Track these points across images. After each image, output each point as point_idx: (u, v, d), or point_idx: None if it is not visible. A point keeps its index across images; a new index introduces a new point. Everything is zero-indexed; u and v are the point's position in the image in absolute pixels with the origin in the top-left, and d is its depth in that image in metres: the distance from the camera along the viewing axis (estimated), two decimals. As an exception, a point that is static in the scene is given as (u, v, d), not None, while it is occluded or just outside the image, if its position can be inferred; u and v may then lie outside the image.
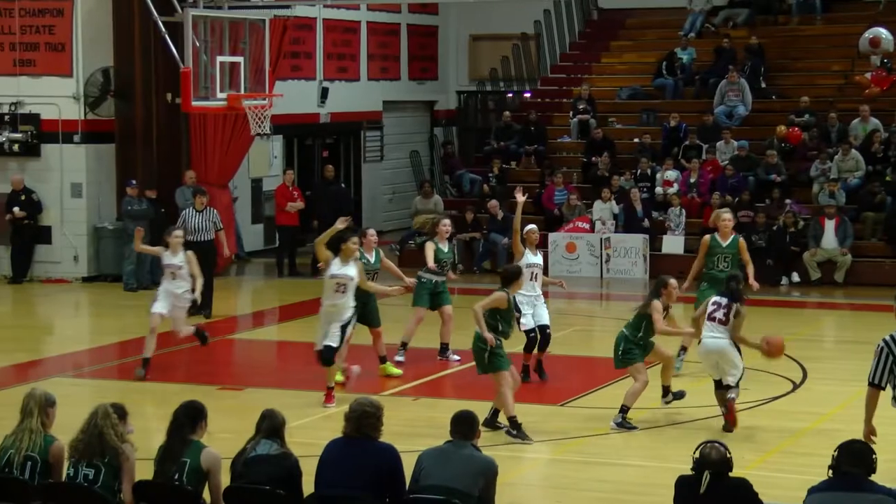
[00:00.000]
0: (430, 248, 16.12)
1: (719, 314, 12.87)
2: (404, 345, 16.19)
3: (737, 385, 12.95)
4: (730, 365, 12.89)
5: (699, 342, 13.06)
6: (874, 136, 24.25)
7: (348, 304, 13.97)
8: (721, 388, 13.00)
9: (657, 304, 13.03)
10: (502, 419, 12.87)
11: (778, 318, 19.21)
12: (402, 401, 14.51)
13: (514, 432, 12.68)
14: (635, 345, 13.17)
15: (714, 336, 12.86)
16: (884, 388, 9.41)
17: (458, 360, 16.17)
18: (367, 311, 15.14)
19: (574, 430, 13.27)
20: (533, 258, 15.24)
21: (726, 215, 15.56)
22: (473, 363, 13.16)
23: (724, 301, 12.94)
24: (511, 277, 13.22)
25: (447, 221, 16.64)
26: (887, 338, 9.41)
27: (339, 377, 14.48)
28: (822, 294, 22.13)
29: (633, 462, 12.21)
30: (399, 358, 15.98)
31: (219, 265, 21.73)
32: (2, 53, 23.07)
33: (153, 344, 15.51)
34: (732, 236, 15.34)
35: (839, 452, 7.61)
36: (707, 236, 15.48)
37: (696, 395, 14.70)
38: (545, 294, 15.75)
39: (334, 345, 13.86)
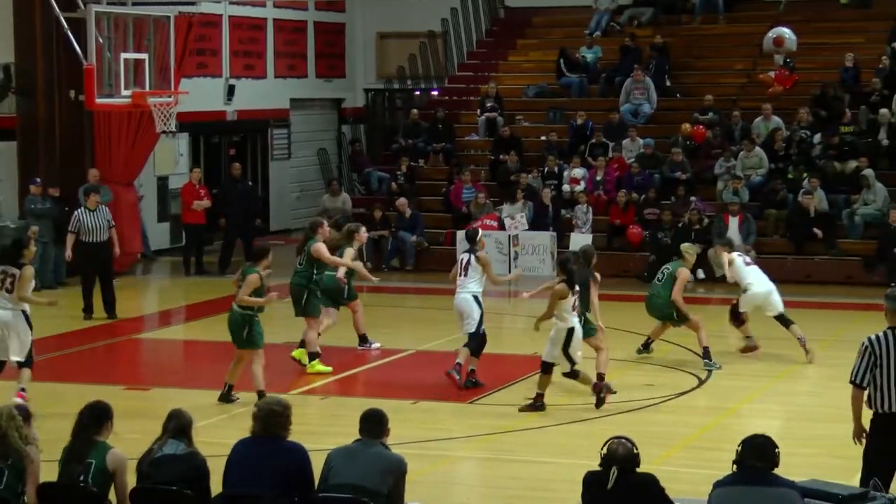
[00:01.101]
0: (349, 254, 16.18)
1: None
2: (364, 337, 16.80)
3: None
4: None
5: None
6: (776, 134, 24.60)
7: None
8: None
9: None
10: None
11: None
12: (310, 399, 14.46)
13: None
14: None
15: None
16: (866, 388, 9.19)
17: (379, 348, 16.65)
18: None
19: (483, 428, 13.31)
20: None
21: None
22: (381, 362, 13.18)
23: None
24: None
25: (364, 229, 17.14)
26: (872, 337, 9.21)
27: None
28: (727, 290, 22.36)
29: (543, 458, 12.27)
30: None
31: (120, 263, 21.52)
32: None
33: None
34: None
35: (743, 447, 7.70)
36: None
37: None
38: None
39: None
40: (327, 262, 15.73)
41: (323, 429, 12.33)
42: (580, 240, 23.80)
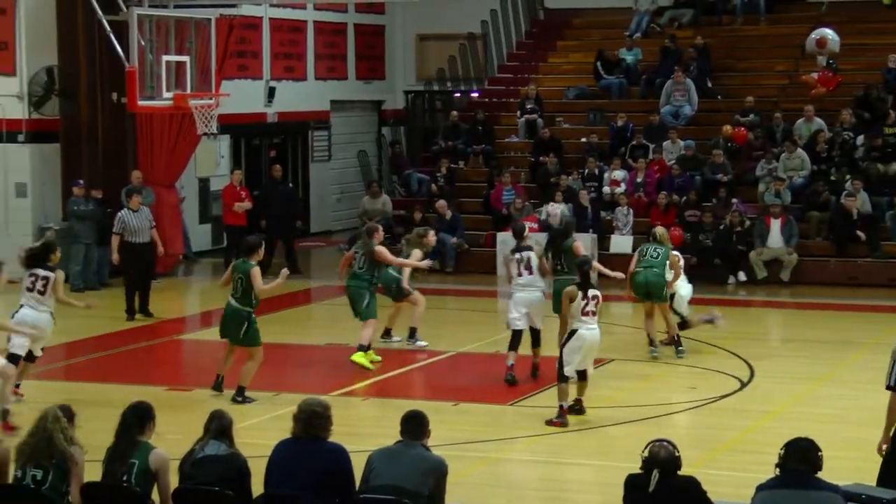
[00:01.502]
0: (416, 255, 16.65)
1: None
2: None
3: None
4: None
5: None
6: (818, 135, 24.45)
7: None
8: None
9: None
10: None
11: (725, 317, 19.31)
12: (352, 401, 14.49)
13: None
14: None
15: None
16: None
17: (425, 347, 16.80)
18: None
19: (523, 430, 13.29)
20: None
21: None
22: (422, 363, 13.18)
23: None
24: None
25: (433, 232, 17.50)
26: None
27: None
28: (769, 293, 22.29)
29: (583, 461, 12.25)
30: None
31: (162, 265, 21.65)
32: (-56, 52, 22.83)
33: None
34: None
35: (786, 450, 7.66)
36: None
37: (645, 394, 14.79)
38: None
39: None
40: (393, 263, 16.11)
41: (364, 430, 12.34)
42: (621, 242, 23.78)
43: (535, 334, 15.30)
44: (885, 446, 9.19)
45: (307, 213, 28.83)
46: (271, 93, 27.69)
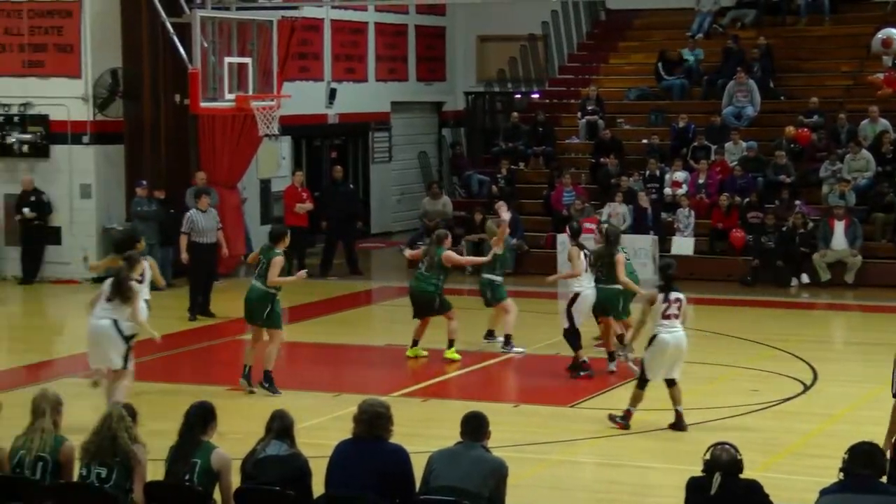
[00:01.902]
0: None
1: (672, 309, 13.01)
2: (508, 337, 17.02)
3: None
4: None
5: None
6: (884, 136, 24.20)
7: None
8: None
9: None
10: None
11: (787, 320, 19.20)
12: (411, 401, 14.50)
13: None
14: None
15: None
16: None
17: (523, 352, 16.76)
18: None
19: (584, 432, 13.26)
20: None
21: None
22: (482, 365, 13.19)
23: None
24: None
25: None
26: None
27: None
28: (832, 295, 22.07)
29: (644, 463, 12.20)
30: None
31: (225, 265, 21.78)
32: (11, 55, 23.09)
33: None
34: None
35: (850, 454, 7.59)
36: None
37: (707, 397, 14.70)
38: None
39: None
40: (463, 263, 17.24)
41: (423, 431, 12.35)
42: (682, 244, 23.66)
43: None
44: (888, 452, 8.95)
45: (367, 214, 28.91)
46: (332, 94, 27.78)
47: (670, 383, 13.15)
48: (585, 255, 15.47)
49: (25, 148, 22.96)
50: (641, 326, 13.24)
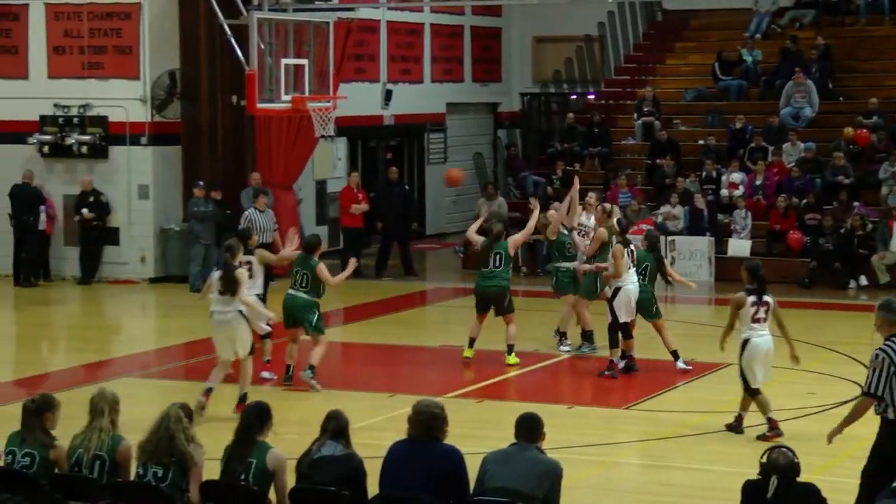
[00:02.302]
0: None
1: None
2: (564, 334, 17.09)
3: None
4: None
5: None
6: (944, 137, 23.96)
7: None
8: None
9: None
10: None
11: (846, 322, 19.03)
12: (464, 402, 14.50)
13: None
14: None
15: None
16: (883, 399, 9.18)
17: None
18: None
19: (638, 434, 13.21)
20: None
21: None
22: (536, 366, 13.16)
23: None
24: None
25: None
26: (886, 348, 9.18)
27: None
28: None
29: (700, 466, 12.13)
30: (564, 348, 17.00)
31: (280, 266, 21.84)
32: (71, 57, 23.33)
33: None
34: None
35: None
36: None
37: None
38: None
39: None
40: (518, 240, 16.66)
41: (477, 432, 12.34)
42: (738, 246, 23.50)
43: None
44: (836, 437, 9.43)
45: (422, 215, 28.94)
46: (388, 95, 27.84)
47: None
48: (630, 251, 15.46)
49: (84, 149, 23.18)
50: (730, 330, 12.91)
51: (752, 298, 12.75)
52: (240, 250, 13.99)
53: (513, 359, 16.28)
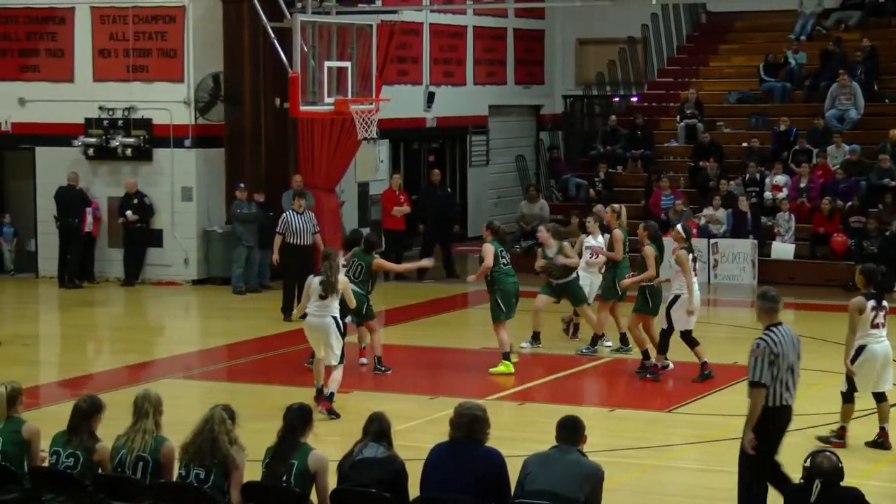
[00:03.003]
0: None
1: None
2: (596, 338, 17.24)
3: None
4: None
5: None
6: None
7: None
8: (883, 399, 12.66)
9: None
10: None
11: (889, 326, 18.84)
12: (506, 405, 14.48)
13: None
14: None
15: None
16: (768, 387, 9.55)
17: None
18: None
19: (681, 437, 13.15)
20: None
21: None
22: (577, 369, 13.13)
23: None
24: None
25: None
26: (766, 338, 9.59)
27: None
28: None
29: (741, 470, 12.04)
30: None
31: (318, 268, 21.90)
32: (116, 59, 23.49)
33: None
34: None
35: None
36: None
37: (807, 403, 14.49)
38: None
39: None
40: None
41: (518, 434, 12.33)
42: (782, 249, 23.37)
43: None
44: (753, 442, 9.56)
45: (465, 217, 28.94)
46: (431, 98, 27.86)
47: (880, 398, 12.64)
48: (694, 258, 15.50)
49: (129, 151, 23.32)
50: (853, 338, 12.49)
51: (871, 303, 12.35)
52: (337, 259, 14.30)
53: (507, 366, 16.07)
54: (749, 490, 9.58)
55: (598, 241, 17.35)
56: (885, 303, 12.53)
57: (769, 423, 9.59)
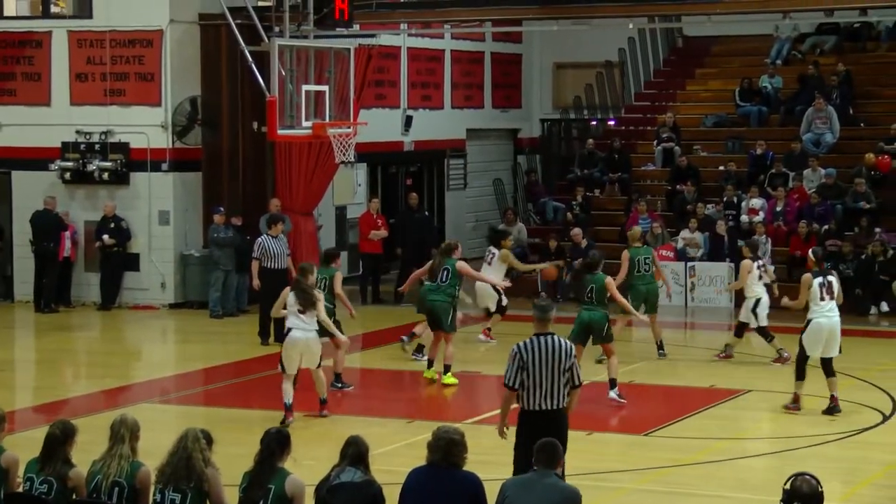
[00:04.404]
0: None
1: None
2: None
3: None
4: None
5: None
6: (965, 163, 23.86)
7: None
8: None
9: None
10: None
11: (867, 348, 18.94)
12: (484, 429, 14.44)
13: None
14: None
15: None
16: (517, 390, 10.19)
17: None
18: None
19: (658, 460, 13.15)
20: None
21: None
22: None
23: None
24: None
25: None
26: (520, 344, 10.24)
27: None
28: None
29: (720, 493, 12.05)
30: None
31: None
32: (93, 83, 23.45)
33: None
34: None
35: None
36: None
37: (784, 426, 14.52)
38: None
39: None
40: (474, 277, 18.39)
41: (496, 458, 12.30)
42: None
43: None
44: (505, 430, 10.58)
45: (442, 240, 28.84)
46: (408, 121, 27.90)
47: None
48: (821, 284, 14.91)
49: (106, 175, 23.26)
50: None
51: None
52: (313, 273, 14.73)
53: (449, 378, 16.60)
54: None
55: None
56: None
57: (524, 425, 10.29)
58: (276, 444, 8.58)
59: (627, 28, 27.01)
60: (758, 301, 17.74)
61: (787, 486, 7.66)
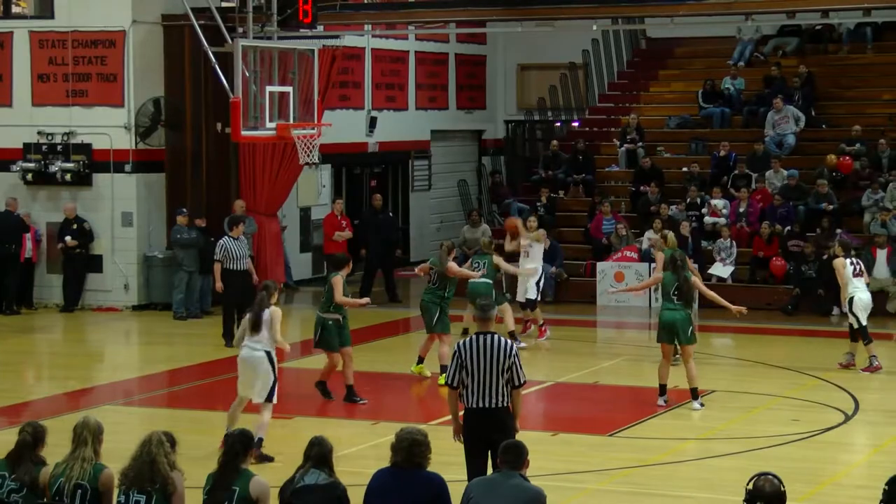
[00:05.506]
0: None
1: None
2: None
3: None
4: None
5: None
6: (926, 165, 24.04)
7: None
8: None
9: None
10: None
11: (828, 348, 19.05)
12: (450, 430, 14.43)
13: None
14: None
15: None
16: (458, 388, 10.31)
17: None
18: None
19: (623, 461, 13.19)
20: None
21: None
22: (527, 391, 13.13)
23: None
24: None
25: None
26: (461, 343, 10.35)
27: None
28: (874, 324, 21.81)
29: (683, 493, 12.10)
30: None
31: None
32: (55, 84, 23.32)
33: None
34: None
35: (890, 486, 7.50)
36: None
37: (747, 426, 14.59)
38: None
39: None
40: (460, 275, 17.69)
41: (461, 459, 12.30)
42: (721, 272, 23.53)
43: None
44: (461, 432, 10.49)
45: (407, 242, 28.95)
46: (373, 122, 27.88)
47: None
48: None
49: (68, 176, 23.14)
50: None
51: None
52: (277, 292, 13.76)
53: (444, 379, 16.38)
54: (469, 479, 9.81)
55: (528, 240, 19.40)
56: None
57: (467, 424, 10.37)
58: (239, 445, 8.55)
59: (591, 30, 27.04)
60: (851, 300, 17.65)
61: (750, 486, 7.69)
